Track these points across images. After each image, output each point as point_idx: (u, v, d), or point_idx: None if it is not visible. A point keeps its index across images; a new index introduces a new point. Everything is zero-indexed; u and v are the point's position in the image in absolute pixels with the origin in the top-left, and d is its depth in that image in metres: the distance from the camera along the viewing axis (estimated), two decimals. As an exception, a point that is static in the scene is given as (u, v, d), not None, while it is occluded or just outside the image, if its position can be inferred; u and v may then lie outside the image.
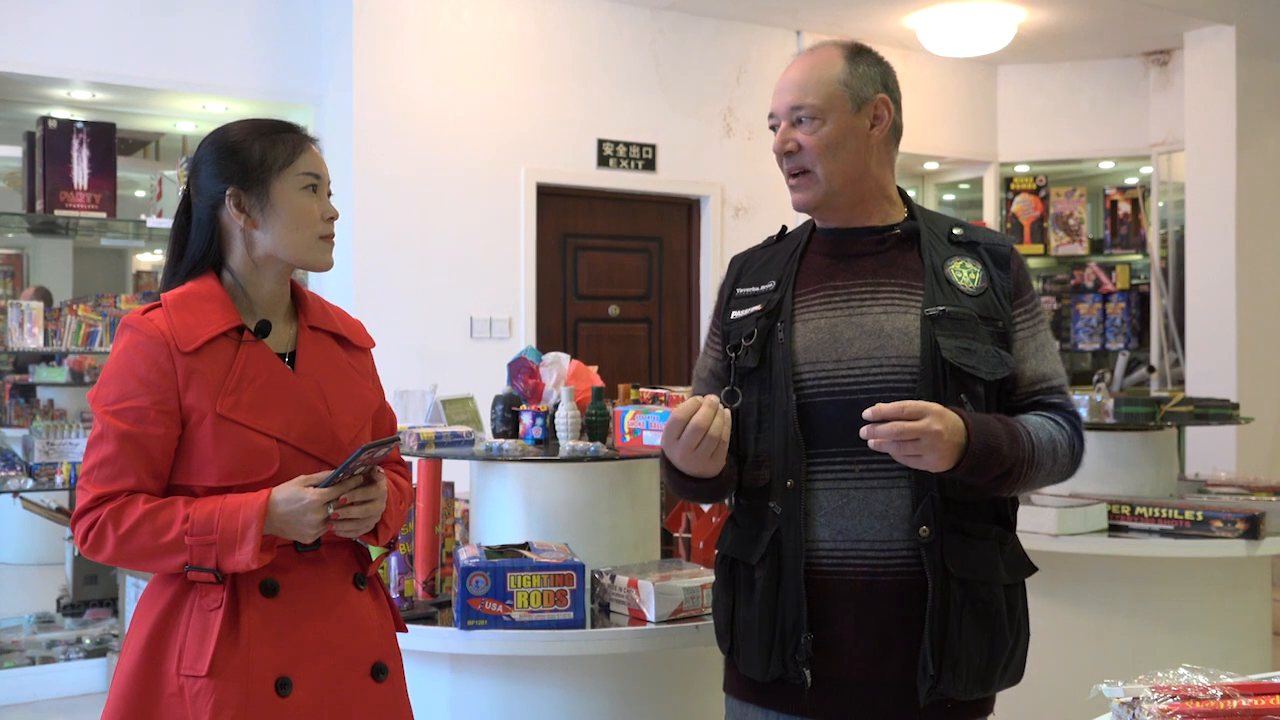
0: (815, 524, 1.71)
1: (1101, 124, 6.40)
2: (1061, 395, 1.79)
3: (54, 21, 4.48)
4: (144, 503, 1.64)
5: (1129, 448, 3.20)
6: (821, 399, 1.71)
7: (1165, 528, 2.92)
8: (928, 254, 1.76)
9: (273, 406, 1.69)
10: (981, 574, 1.70)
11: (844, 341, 1.72)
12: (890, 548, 1.69)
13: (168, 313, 1.69)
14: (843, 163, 1.75)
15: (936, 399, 1.65)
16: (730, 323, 1.83)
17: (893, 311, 1.72)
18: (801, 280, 1.79)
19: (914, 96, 6.24)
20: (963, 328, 1.70)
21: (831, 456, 1.71)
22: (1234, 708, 1.27)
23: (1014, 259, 1.81)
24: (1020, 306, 1.78)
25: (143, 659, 1.65)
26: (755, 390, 1.77)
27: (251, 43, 4.85)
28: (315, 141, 1.80)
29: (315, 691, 1.67)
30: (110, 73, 4.63)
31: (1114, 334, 6.47)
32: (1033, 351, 1.78)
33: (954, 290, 1.73)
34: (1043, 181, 6.61)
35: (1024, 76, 6.49)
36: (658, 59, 5.53)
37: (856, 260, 1.78)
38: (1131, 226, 6.48)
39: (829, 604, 1.71)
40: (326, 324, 1.83)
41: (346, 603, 1.74)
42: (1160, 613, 2.99)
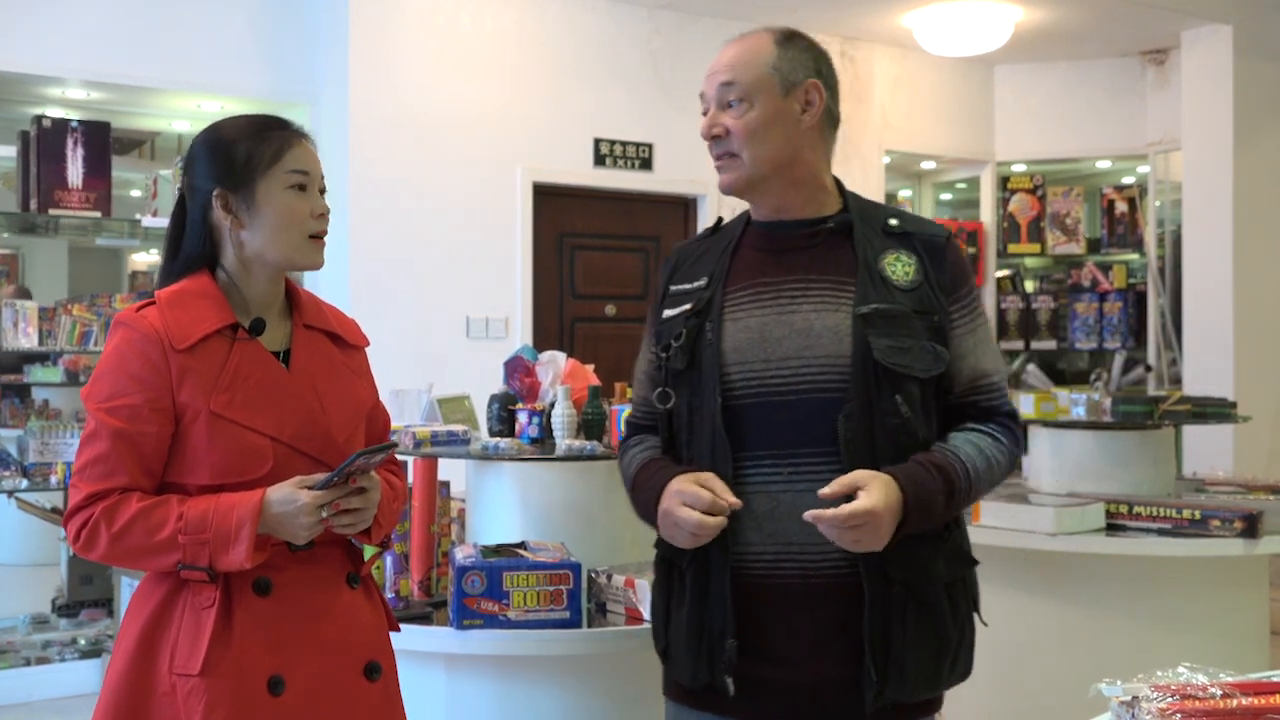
0: (745, 528, 1.66)
1: (1098, 123, 6.40)
2: (999, 394, 1.76)
3: (49, 20, 4.47)
4: (137, 501, 1.63)
5: (1127, 447, 3.19)
6: (750, 400, 1.68)
7: (1163, 526, 2.91)
8: (861, 248, 1.71)
9: (266, 405, 1.68)
10: (921, 573, 1.66)
11: (773, 341, 1.68)
12: (822, 551, 1.64)
13: (161, 310, 1.68)
14: (770, 147, 1.70)
15: (868, 400, 1.63)
16: (662, 322, 1.79)
17: (823, 309, 1.68)
18: (733, 277, 1.74)
19: (911, 96, 6.26)
20: (896, 325, 1.66)
21: (760, 459, 1.67)
22: (1234, 707, 1.26)
23: (949, 251, 1.75)
24: (957, 301, 1.73)
25: (134, 658, 1.65)
26: (686, 392, 1.73)
27: (247, 41, 4.84)
28: (306, 137, 1.77)
29: (308, 691, 1.66)
30: (105, 72, 4.62)
31: (1111, 333, 6.47)
32: (971, 348, 1.73)
33: (887, 286, 1.68)
34: (1040, 181, 6.61)
35: (1021, 76, 6.49)
36: (655, 58, 5.52)
37: (788, 255, 1.73)
38: (1128, 226, 6.48)
39: (763, 608, 1.67)
40: (321, 322, 1.82)
41: (340, 602, 1.73)
42: (1158, 612, 2.99)
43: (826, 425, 1.63)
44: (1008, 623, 3.18)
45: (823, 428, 1.63)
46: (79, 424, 4.78)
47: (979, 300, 1.78)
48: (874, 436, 1.63)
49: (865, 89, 6.09)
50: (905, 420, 1.65)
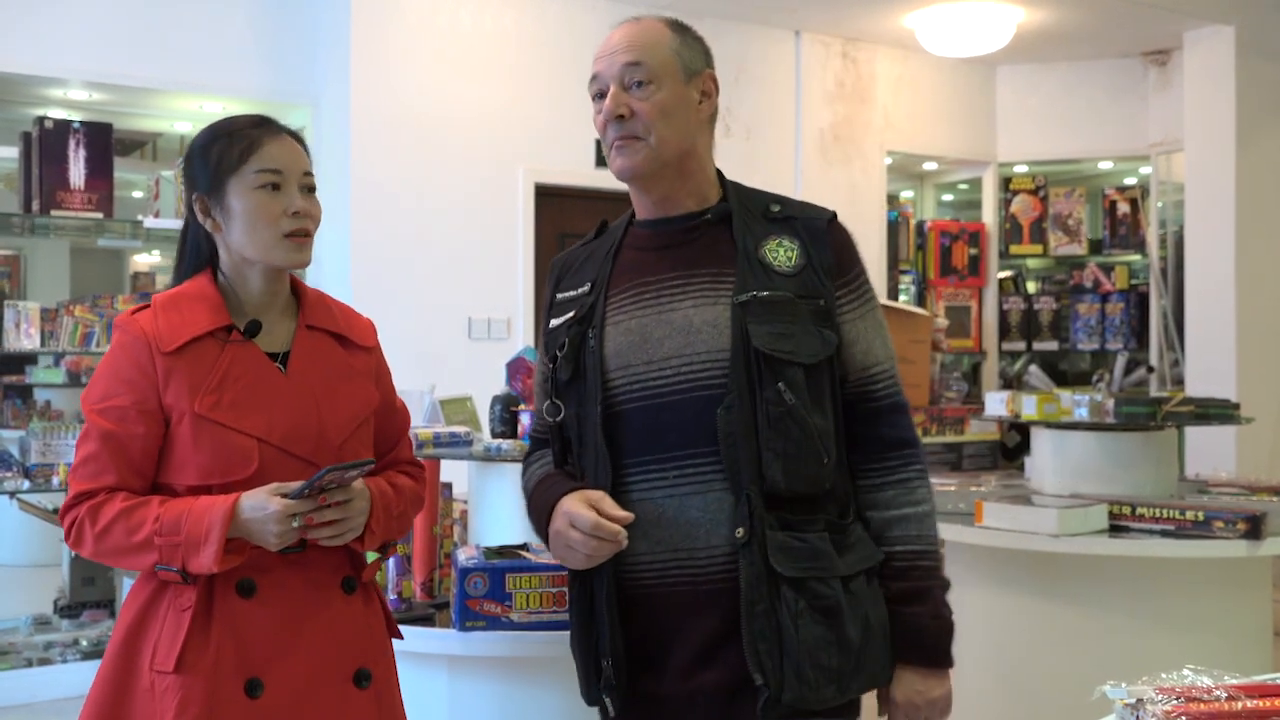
0: (634, 537, 1.59)
1: (1100, 124, 6.39)
2: (889, 384, 1.69)
3: (50, 21, 4.47)
4: (121, 501, 1.65)
5: (1129, 448, 3.18)
6: (632, 405, 1.62)
7: (1166, 528, 2.90)
8: (741, 236, 1.66)
9: (255, 406, 1.68)
10: (813, 569, 1.58)
11: (654, 342, 1.63)
12: (711, 555, 1.59)
13: (155, 313, 1.71)
14: (675, 131, 1.65)
15: (749, 391, 1.58)
16: (548, 333, 1.75)
17: (702, 304, 1.62)
18: (615, 280, 1.70)
19: (912, 97, 6.25)
20: (777, 311, 1.60)
21: (645, 465, 1.61)
22: (1239, 709, 1.26)
23: (833, 233, 1.69)
24: (844, 285, 1.67)
25: (120, 654, 1.67)
26: (574, 402, 1.68)
27: (249, 43, 4.84)
28: (283, 134, 1.76)
29: (289, 694, 1.66)
30: (107, 73, 4.62)
31: (1113, 334, 6.47)
32: (860, 334, 1.68)
33: (767, 272, 1.62)
34: (1042, 182, 6.61)
35: (1023, 76, 6.49)
36: (656, 59, 5.51)
37: (669, 252, 1.68)
38: (1130, 227, 6.48)
39: (655, 620, 1.62)
40: (325, 323, 1.81)
41: (331, 607, 1.73)
42: (1161, 613, 2.98)
43: (710, 423, 1.57)
44: (1010, 624, 3.18)
45: (707, 426, 1.58)
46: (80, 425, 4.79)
47: (868, 285, 1.72)
48: (756, 428, 1.57)
49: (867, 90, 6.09)
50: (790, 408, 1.58)
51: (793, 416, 1.58)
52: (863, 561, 1.64)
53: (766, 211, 1.68)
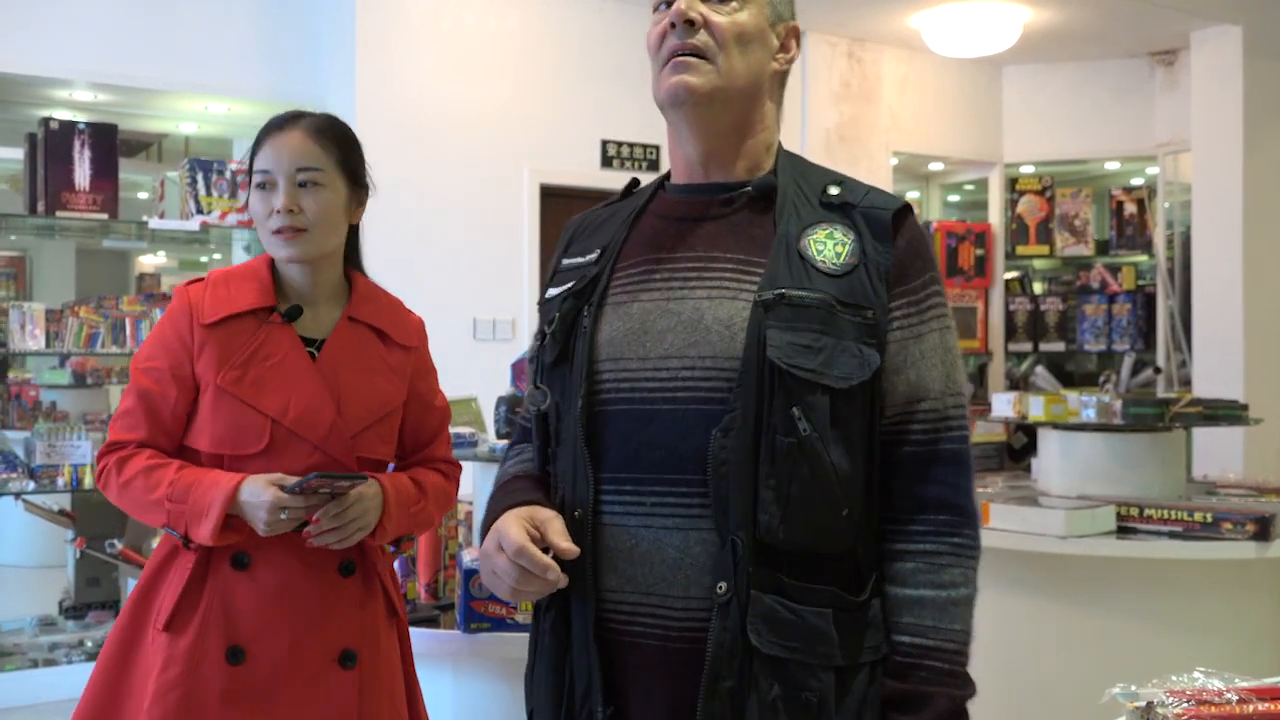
0: (604, 568, 1.32)
1: (1107, 124, 6.37)
2: (944, 427, 1.33)
3: (56, 22, 4.47)
4: (147, 458, 1.76)
5: (1137, 449, 3.17)
6: (617, 407, 1.33)
7: (1174, 529, 2.89)
8: (784, 219, 1.34)
9: (276, 387, 1.76)
10: (800, 651, 1.26)
11: (655, 334, 1.32)
12: (687, 607, 1.27)
13: (206, 285, 1.82)
14: (749, 63, 1.37)
15: (756, 412, 1.26)
16: (544, 303, 1.45)
17: (719, 296, 1.31)
18: (627, 251, 1.40)
19: (919, 97, 6.24)
20: (808, 318, 1.28)
21: (621, 483, 1.31)
22: (1250, 712, 1.25)
23: (903, 229, 1.35)
24: (905, 295, 1.33)
25: (132, 608, 1.77)
26: (558, 390, 1.38)
27: (254, 43, 4.84)
28: (278, 131, 1.82)
29: (269, 666, 1.73)
30: (112, 74, 4.62)
31: (1120, 335, 6.45)
32: (913, 359, 1.32)
33: (807, 267, 1.30)
34: (1048, 182, 6.59)
35: (1029, 77, 6.47)
36: (661, 59, 5.50)
37: (693, 227, 1.38)
38: (1137, 227, 6.45)
39: (617, 669, 1.33)
40: (369, 316, 1.89)
41: (324, 587, 1.78)
42: (1169, 615, 2.97)
43: (704, 445, 1.26)
44: (1017, 626, 3.17)
45: (699, 449, 1.26)
46: (86, 426, 4.78)
47: (937, 298, 1.37)
48: (758, 459, 1.25)
49: (873, 90, 6.07)
50: (804, 440, 1.25)
51: (805, 451, 1.25)
52: (871, 652, 1.31)
53: (823, 194, 1.37)
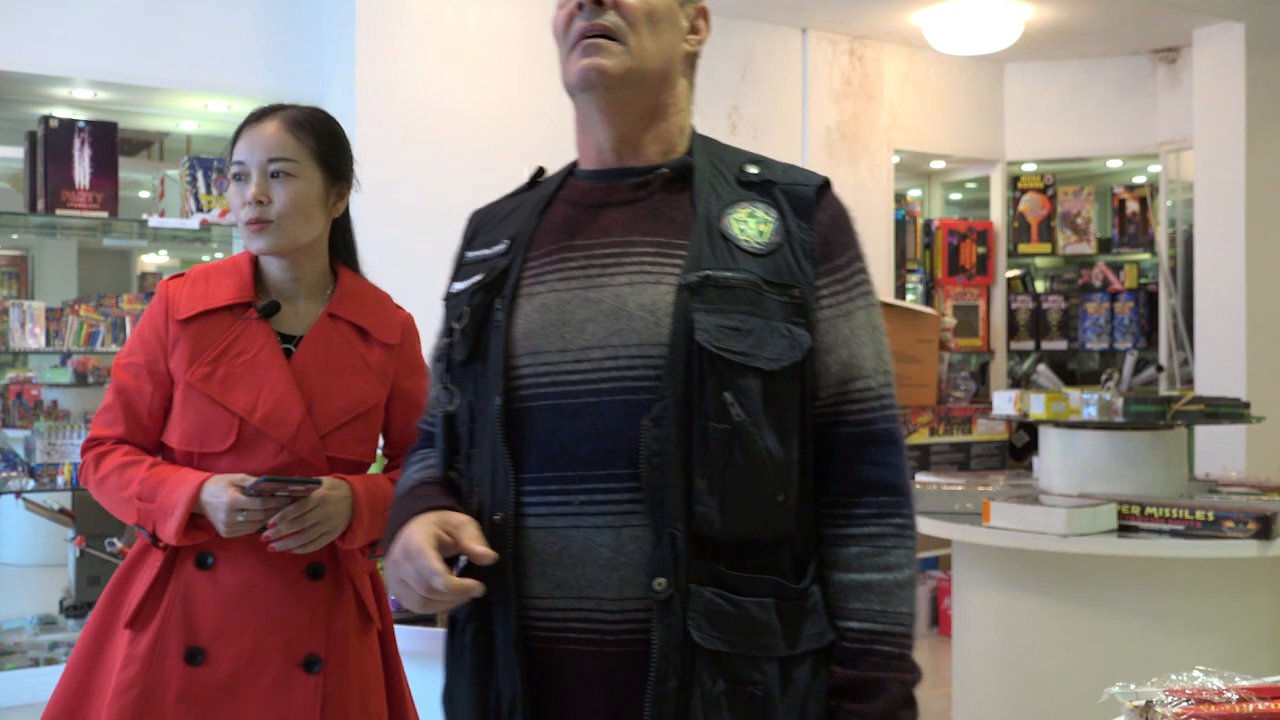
0: (530, 575, 1.25)
1: (1109, 122, 6.35)
2: (878, 406, 1.31)
3: (56, 20, 4.47)
4: (122, 455, 1.76)
5: (1138, 447, 3.16)
6: (538, 403, 1.26)
7: (1176, 528, 2.88)
8: (702, 199, 1.30)
9: (246, 384, 1.74)
10: (743, 644, 1.22)
11: (575, 324, 1.26)
12: (624, 609, 1.22)
13: (185, 281, 1.81)
14: (659, 46, 1.33)
15: (685, 399, 1.21)
16: (449, 298, 1.40)
17: (641, 281, 1.26)
18: (537, 239, 1.34)
19: (920, 95, 6.22)
20: (735, 299, 1.24)
21: (546, 483, 1.25)
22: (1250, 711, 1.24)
23: (823, 205, 1.32)
24: (830, 272, 1.31)
25: (105, 602, 1.78)
26: (470, 389, 1.32)
27: (254, 41, 4.83)
28: (261, 121, 1.81)
29: (228, 668, 1.72)
30: (112, 71, 4.61)
31: (1122, 333, 6.43)
32: (844, 337, 1.30)
33: (730, 248, 1.27)
34: (1050, 180, 6.58)
35: (1031, 74, 6.45)
36: (662, 57, 5.49)
37: (608, 212, 1.33)
38: (1140, 225, 6.44)
39: (549, 682, 1.26)
40: (350, 313, 1.87)
41: (290, 589, 1.76)
42: (1170, 614, 2.96)
43: (635, 438, 1.21)
44: (1018, 625, 3.15)
45: (629, 441, 1.21)
46: (86, 425, 4.78)
47: (863, 276, 1.35)
48: (690, 448, 1.21)
49: (874, 88, 6.06)
50: (737, 426, 1.21)
51: (740, 438, 1.21)
52: (814, 640, 1.28)
53: (741, 173, 1.34)
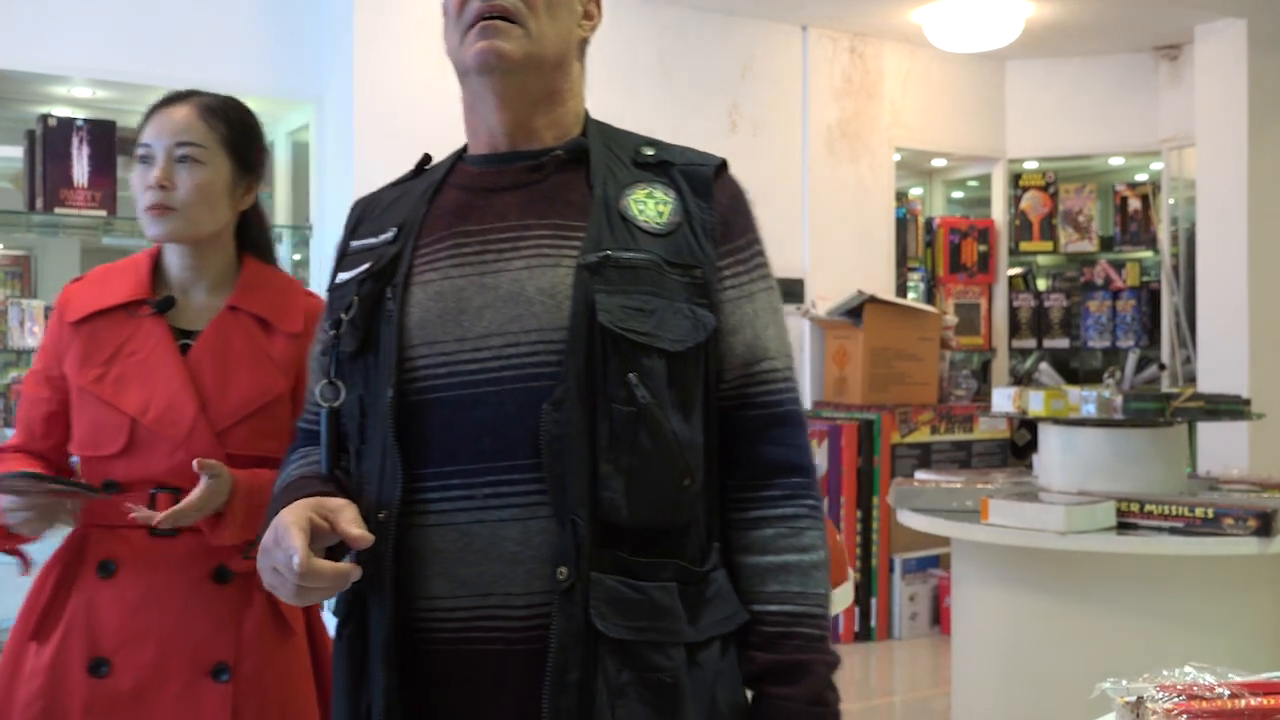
0: (430, 574, 1.19)
1: (1111, 119, 6.33)
2: (782, 387, 1.29)
3: (54, 18, 4.46)
4: (7, 463, 1.71)
5: (1138, 444, 3.14)
6: (436, 395, 1.21)
7: (1175, 525, 2.87)
8: (599, 181, 1.27)
9: (138, 384, 1.70)
10: (649, 631, 1.18)
11: (471, 312, 1.22)
12: (530, 603, 1.17)
13: (85, 283, 1.78)
14: (556, 30, 1.30)
15: (587, 382, 1.18)
16: (333, 289, 1.34)
17: (539, 264, 1.22)
18: (428, 226, 1.30)
19: (921, 92, 6.21)
20: (637, 279, 1.21)
21: (447, 478, 1.20)
22: (1242, 707, 1.23)
23: (722, 186, 1.32)
24: (731, 254, 1.30)
25: (20, 615, 1.75)
26: (360, 383, 1.27)
27: (252, 39, 4.82)
28: (170, 106, 1.78)
29: (133, 679, 1.66)
30: (110, 70, 4.61)
31: (1124, 332, 6.41)
32: (748, 318, 1.29)
33: (629, 228, 1.24)
34: (1052, 178, 6.56)
35: (1032, 72, 6.43)
36: (662, 54, 5.49)
37: (502, 196, 1.29)
38: (1142, 223, 6.42)
39: (455, 688, 1.20)
40: (251, 304, 1.79)
41: (195, 595, 1.70)
42: (1170, 612, 2.94)
43: (536, 425, 1.17)
44: (1017, 622, 3.14)
45: (532, 429, 1.17)
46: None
47: (762, 258, 1.34)
48: (595, 433, 1.18)
49: (875, 85, 6.05)
50: (643, 409, 1.18)
51: (645, 421, 1.18)
52: (720, 624, 1.24)
53: (637, 155, 1.32)
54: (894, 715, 4.65)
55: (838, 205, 5.89)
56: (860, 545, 5.36)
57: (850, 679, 5.06)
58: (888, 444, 5.40)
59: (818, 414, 5.62)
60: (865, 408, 5.47)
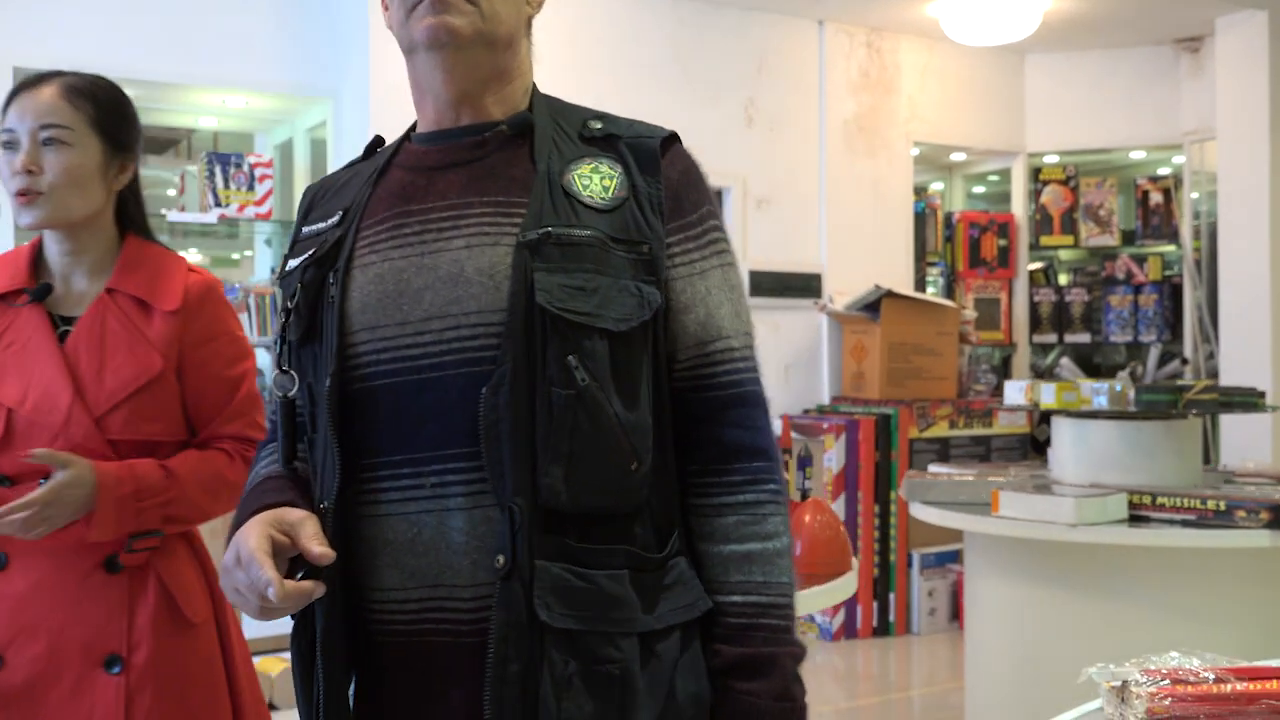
0: (381, 565, 1.17)
1: (1132, 113, 6.29)
2: (741, 367, 1.24)
3: (72, 16, 4.52)
4: None
5: (1151, 437, 3.12)
6: (382, 381, 1.18)
7: (1187, 518, 2.85)
8: (544, 156, 1.23)
9: (16, 374, 1.68)
10: (595, 620, 1.13)
11: (412, 294, 1.18)
12: (476, 594, 1.14)
13: None
14: (508, 6, 1.29)
15: (525, 364, 1.13)
16: (282, 278, 1.30)
17: (479, 243, 1.18)
18: (371, 208, 1.26)
19: (939, 87, 6.19)
20: (579, 257, 1.17)
21: (397, 467, 1.17)
22: (1228, 692, 1.23)
23: (673, 158, 1.26)
24: (683, 229, 1.24)
25: None
26: (310, 371, 1.24)
27: (270, 37, 4.86)
28: (35, 88, 1.73)
29: (27, 672, 1.64)
30: (130, 68, 4.65)
31: (1146, 326, 6.37)
32: (700, 296, 1.23)
33: (573, 204, 1.19)
34: (1072, 172, 6.52)
35: (1052, 65, 6.40)
36: (678, 49, 5.49)
37: (444, 174, 1.25)
38: (1164, 217, 6.38)
39: (407, 683, 1.18)
40: (129, 286, 1.75)
41: (85, 586, 1.68)
42: (1182, 605, 2.93)
43: (477, 411, 1.14)
44: (1027, 615, 3.13)
45: (472, 415, 1.14)
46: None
47: (718, 232, 1.28)
48: (534, 418, 1.13)
49: (892, 80, 6.03)
50: (582, 391, 1.14)
51: (585, 403, 1.14)
52: (680, 613, 1.19)
53: (584, 129, 1.28)
54: (912, 709, 4.64)
55: (855, 200, 5.88)
56: (878, 540, 5.36)
57: (867, 674, 5.05)
58: (905, 439, 5.39)
59: (835, 409, 5.61)
60: (883, 402, 5.46)
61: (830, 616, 5.24)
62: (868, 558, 5.33)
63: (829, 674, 4.95)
